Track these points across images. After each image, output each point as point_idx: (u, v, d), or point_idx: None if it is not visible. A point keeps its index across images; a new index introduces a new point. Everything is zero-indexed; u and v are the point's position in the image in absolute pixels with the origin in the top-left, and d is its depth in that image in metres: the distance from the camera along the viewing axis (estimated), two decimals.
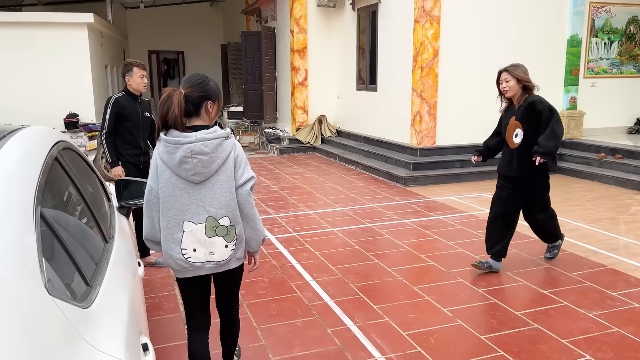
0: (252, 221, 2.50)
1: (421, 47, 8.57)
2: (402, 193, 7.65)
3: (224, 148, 2.36)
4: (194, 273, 2.44)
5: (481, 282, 4.30)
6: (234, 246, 2.44)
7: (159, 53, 20.25)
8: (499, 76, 4.29)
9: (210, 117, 2.47)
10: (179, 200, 2.34)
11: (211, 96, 2.43)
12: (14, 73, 10.91)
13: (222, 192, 2.36)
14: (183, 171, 2.31)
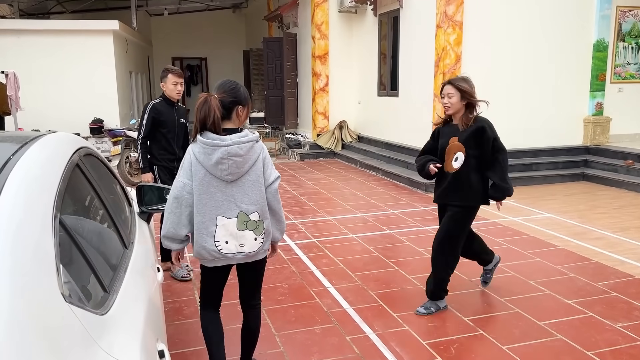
0: (278, 215, 2.75)
1: (443, 53, 8.51)
2: (424, 199, 7.58)
3: (254, 150, 2.60)
4: (225, 262, 2.67)
5: (503, 291, 4.22)
6: (263, 239, 2.67)
7: (182, 59, 20.50)
8: (441, 89, 3.74)
9: (240, 121, 2.69)
10: (213, 197, 2.55)
11: (242, 101, 2.65)
12: (43, 79, 11.18)
13: (252, 190, 2.59)
14: (218, 171, 2.53)
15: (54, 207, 1.33)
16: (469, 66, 8.64)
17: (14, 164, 1.38)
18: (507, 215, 6.57)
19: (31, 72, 10.83)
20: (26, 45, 11.21)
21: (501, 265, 4.80)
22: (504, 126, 8.93)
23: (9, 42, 11.17)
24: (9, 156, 1.44)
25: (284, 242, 5.58)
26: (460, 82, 3.66)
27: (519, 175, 8.59)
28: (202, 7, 18.63)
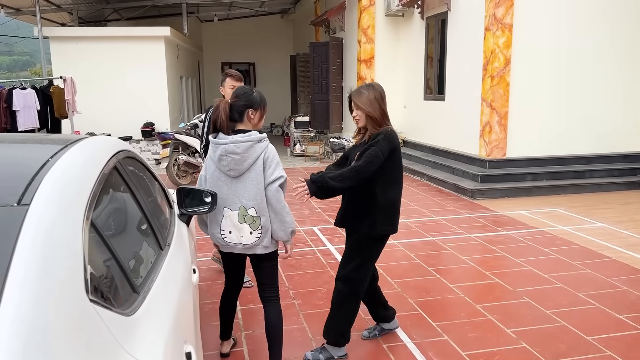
0: (280, 214, 2.87)
1: (492, 56, 8.30)
2: (469, 206, 7.41)
3: (255, 150, 2.80)
4: (229, 250, 2.94)
5: (549, 303, 4.06)
6: (259, 234, 2.85)
7: (231, 64, 20.88)
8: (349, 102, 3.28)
9: (252, 123, 2.91)
10: (220, 190, 2.84)
11: (253, 104, 2.89)
12: (98, 84, 11.63)
13: (251, 186, 2.81)
14: (222, 167, 2.83)
15: (86, 209, 1.37)
16: (519, 69, 8.41)
17: (51, 166, 1.42)
18: (556, 224, 6.33)
19: (88, 77, 11.28)
20: (83, 51, 11.70)
21: (548, 276, 4.63)
22: (555, 131, 8.66)
23: (68, 48, 11.69)
24: (47, 158, 1.49)
25: (324, 247, 5.58)
26: (358, 97, 3.16)
27: (571, 182, 8.28)
28: (251, 13, 18.94)
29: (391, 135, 3.12)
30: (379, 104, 3.16)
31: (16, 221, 1.14)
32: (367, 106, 3.14)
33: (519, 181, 8.26)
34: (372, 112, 3.13)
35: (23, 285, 0.99)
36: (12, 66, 71.53)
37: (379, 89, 3.22)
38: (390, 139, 3.09)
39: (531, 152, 8.67)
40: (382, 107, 3.18)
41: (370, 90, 3.18)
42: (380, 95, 3.18)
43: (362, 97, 3.16)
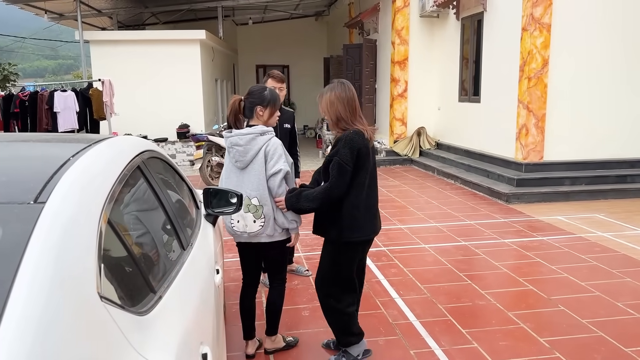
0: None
1: (529, 57, 8.09)
2: (504, 210, 7.23)
3: (257, 142, 3.02)
4: (238, 239, 3.17)
5: (586, 312, 3.90)
6: (262, 223, 3.03)
7: (265, 67, 21.04)
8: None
9: (262, 120, 3.13)
10: (231, 181, 3.09)
11: (262, 102, 3.11)
12: (136, 86, 11.89)
13: (254, 177, 3.01)
14: (231, 158, 3.08)
15: (104, 208, 1.37)
16: (558, 70, 8.17)
17: (71, 165, 1.43)
18: (595, 230, 6.11)
19: (125, 79, 11.54)
20: (122, 54, 11.99)
21: (586, 284, 4.46)
22: (595, 134, 8.37)
23: (107, 51, 12.00)
24: (68, 157, 1.51)
25: None
26: (319, 100, 3.06)
27: (612, 187, 7.98)
28: (285, 16, 19.04)
29: (351, 139, 2.89)
30: (342, 103, 2.95)
31: (31, 219, 1.14)
32: (326, 109, 3.00)
33: (557, 185, 8.02)
34: (332, 115, 2.98)
35: (32, 283, 1.00)
36: (57, 69, 74.18)
37: (339, 88, 2.99)
38: (350, 143, 2.87)
39: (570, 156, 8.40)
40: (346, 106, 2.95)
41: (330, 91, 2.99)
42: (341, 95, 2.97)
43: (322, 100, 3.02)
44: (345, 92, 2.99)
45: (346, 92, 2.99)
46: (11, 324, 0.91)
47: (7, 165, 1.52)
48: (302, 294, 4.37)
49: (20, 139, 2.21)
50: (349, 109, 2.97)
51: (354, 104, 3.00)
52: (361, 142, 2.92)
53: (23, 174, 1.41)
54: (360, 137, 2.92)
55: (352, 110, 2.98)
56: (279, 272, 3.29)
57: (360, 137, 2.92)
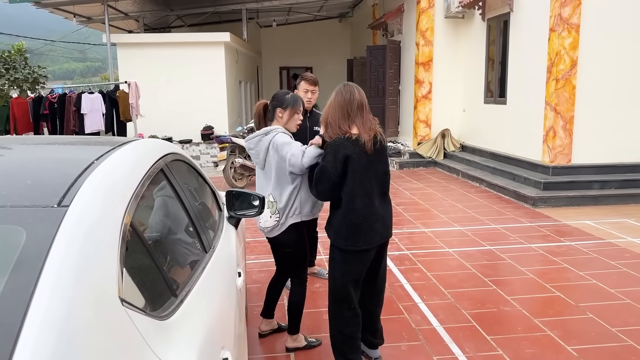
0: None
1: (557, 58, 7.93)
2: (530, 214, 7.09)
3: (263, 142, 3.19)
4: (265, 235, 3.34)
5: (615, 320, 3.79)
6: (277, 219, 3.19)
7: (289, 69, 21.13)
8: None
9: (282, 122, 3.27)
10: (260, 181, 3.33)
11: (281, 104, 3.26)
12: (161, 88, 12.04)
13: (271, 174, 3.20)
14: (253, 160, 3.32)
15: (126, 211, 1.37)
16: (587, 72, 7.99)
17: (94, 169, 1.44)
18: (625, 236, 5.95)
19: (151, 81, 11.69)
20: (148, 57, 12.16)
21: (615, 291, 4.34)
22: (625, 137, 8.16)
23: (134, 54, 12.19)
24: (92, 160, 1.51)
25: None
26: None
27: None
28: (309, 18, 19.09)
29: (334, 146, 2.82)
30: (334, 108, 2.89)
31: (54, 223, 1.15)
32: (326, 115, 2.94)
33: (585, 189, 7.83)
34: (322, 121, 2.96)
35: (54, 287, 1.00)
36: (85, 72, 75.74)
37: (335, 93, 2.93)
38: (334, 150, 2.81)
39: (599, 159, 8.20)
40: (337, 111, 2.88)
41: (339, 93, 2.93)
42: (335, 99, 2.90)
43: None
44: (340, 96, 2.90)
45: (342, 95, 2.90)
46: (34, 327, 0.91)
47: (32, 168, 1.54)
48: (323, 296, 4.34)
49: (46, 141, 2.24)
50: (340, 113, 2.87)
51: (349, 108, 2.86)
52: (350, 148, 2.80)
53: (47, 177, 1.42)
54: (349, 143, 2.81)
55: (344, 115, 2.86)
56: (297, 271, 3.38)
57: (349, 143, 2.81)
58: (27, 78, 9.93)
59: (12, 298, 0.96)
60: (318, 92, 4.41)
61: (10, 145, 1.92)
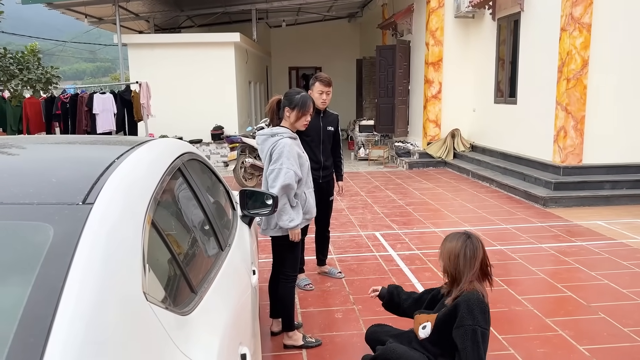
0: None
1: (568, 57, 7.90)
2: (541, 215, 7.07)
3: (267, 143, 3.33)
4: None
5: (627, 320, 3.78)
6: (260, 220, 3.30)
7: (298, 69, 21.16)
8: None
9: (289, 121, 3.39)
10: (264, 178, 3.39)
11: (289, 104, 3.35)
12: (172, 88, 12.11)
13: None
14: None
15: (148, 209, 1.41)
16: (598, 72, 7.96)
17: (116, 167, 1.47)
18: (637, 236, 5.92)
19: (161, 81, 11.77)
20: (158, 57, 12.24)
21: (627, 291, 4.32)
22: (637, 137, 8.10)
23: (145, 54, 12.27)
24: (113, 159, 1.55)
25: (386, 252, 5.50)
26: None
27: None
28: (318, 18, 19.10)
29: None
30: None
31: (80, 220, 1.18)
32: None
33: (596, 189, 7.79)
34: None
35: (83, 283, 1.03)
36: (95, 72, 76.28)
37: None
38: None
39: (610, 159, 8.16)
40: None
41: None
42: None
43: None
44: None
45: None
46: (65, 320, 0.94)
47: (55, 167, 1.57)
48: (335, 295, 4.37)
49: (66, 141, 2.28)
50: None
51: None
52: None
53: (70, 175, 1.46)
54: None
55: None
56: (283, 267, 3.50)
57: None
58: (40, 78, 10.02)
59: (44, 292, 0.99)
60: (331, 92, 4.42)
61: (30, 145, 1.96)
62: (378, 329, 3.20)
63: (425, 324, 2.86)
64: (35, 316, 0.94)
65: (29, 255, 1.11)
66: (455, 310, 2.66)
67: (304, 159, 3.44)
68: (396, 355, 2.79)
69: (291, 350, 3.46)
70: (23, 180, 1.39)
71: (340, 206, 7.62)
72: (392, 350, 2.83)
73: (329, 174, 4.55)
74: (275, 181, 3.23)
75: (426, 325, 2.85)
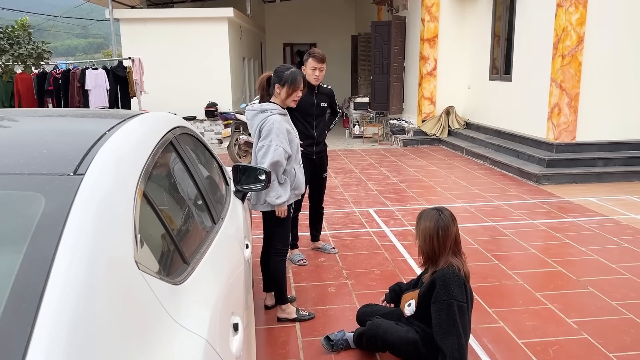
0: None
1: (563, 34, 7.86)
2: (533, 191, 7.12)
3: (256, 119, 3.34)
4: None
5: (616, 294, 3.85)
6: (250, 195, 3.29)
7: (293, 45, 20.95)
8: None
9: (279, 98, 3.37)
10: (253, 152, 3.42)
11: (279, 80, 3.32)
12: (165, 64, 11.98)
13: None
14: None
15: (139, 180, 1.41)
16: (593, 48, 7.94)
17: (107, 139, 1.48)
18: (628, 212, 5.98)
19: (154, 57, 11.64)
20: (151, 33, 12.08)
21: (616, 266, 4.39)
22: (630, 114, 8.13)
23: (137, 29, 12.11)
24: (104, 131, 1.55)
25: (379, 228, 5.54)
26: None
27: None
28: None
29: None
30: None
31: (71, 190, 1.18)
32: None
33: (589, 166, 7.84)
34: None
35: (74, 251, 1.04)
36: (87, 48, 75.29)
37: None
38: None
39: (603, 136, 8.19)
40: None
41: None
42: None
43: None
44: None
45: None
46: (56, 288, 0.96)
47: (45, 138, 1.57)
48: (328, 270, 4.42)
49: (57, 114, 2.27)
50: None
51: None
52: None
53: (61, 147, 1.46)
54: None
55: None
56: (274, 241, 3.53)
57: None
58: (31, 53, 9.90)
59: (36, 260, 1.00)
60: (325, 69, 4.38)
61: (21, 117, 1.95)
62: (368, 309, 3.26)
63: (410, 302, 2.96)
64: (28, 283, 0.96)
65: (20, 224, 1.11)
66: (433, 285, 2.75)
67: (293, 135, 3.44)
68: (382, 330, 2.86)
69: (285, 323, 3.51)
70: (14, 151, 1.39)
71: (334, 183, 7.65)
72: (377, 325, 2.89)
73: (322, 150, 4.55)
74: (264, 158, 3.25)
75: (411, 303, 2.95)
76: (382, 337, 2.87)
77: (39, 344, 0.87)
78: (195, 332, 1.25)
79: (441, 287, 2.72)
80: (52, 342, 0.88)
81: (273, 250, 3.53)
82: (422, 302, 2.85)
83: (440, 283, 2.73)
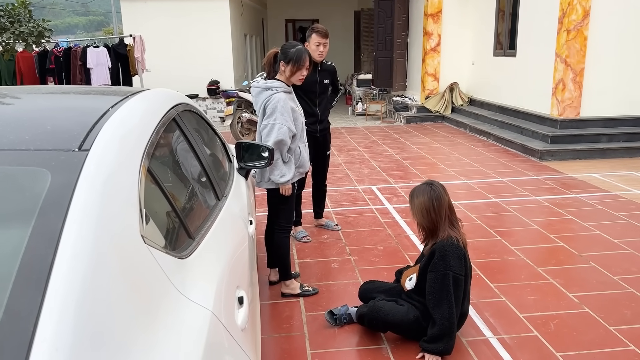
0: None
1: (569, 8, 7.75)
2: (537, 168, 7.11)
3: (261, 96, 3.33)
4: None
5: (617, 269, 3.88)
6: (254, 173, 3.34)
7: (295, 21, 20.72)
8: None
9: (284, 75, 3.35)
10: (258, 130, 3.40)
11: (284, 58, 3.31)
12: (166, 42, 11.89)
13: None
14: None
15: (143, 156, 1.42)
16: (599, 23, 7.83)
17: (111, 115, 1.48)
18: (631, 188, 5.98)
19: (156, 35, 11.55)
20: (152, 10, 11.96)
21: (618, 241, 4.41)
22: (636, 90, 8.05)
23: (138, 7, 11.99)
24: (108, 108, 1.55)
25: (382, 205, 5.56)
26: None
27: None
28: None
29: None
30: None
31: (77, 165, 1.20)
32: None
33: (593, 142, 7.81)
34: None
35: (81, 225, 1.06)
36: (88, 26, 74.63)
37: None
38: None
39: (608, 112, 8.14)
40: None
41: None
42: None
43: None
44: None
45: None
46: (64, 261, 0.98)
47: (50, 115, 1.58)
48: (331, 247, 4.45)
49: (60, 91, 2.28)
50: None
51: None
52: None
53: (66, 123, 1.46)
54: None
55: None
56: (277, 218, 3.54)
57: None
58: (31, 32, 9.84)
59: (44, 234, 1.02)
60: (329, 44, 4.34)
61: (24, 94, 1.95)
62: (369, 285, 3.31)
63: (411, 276, 3.01)
64: (37, 256, 0.97)
65: (27, 199, 1.13)
66: (432, 257, 2.82)
67: (298, 113, 3.44)
68: (383, 313, 2.91)
69: (289, 298, 3.56)
70: (19, 128, 1.40)
71: (337, 161, 7.65)
72: (379, 308, 2.94)
73: (325, 128, 4.54)
74: (269, 136, 3.25)
75: (412, 277, 3.01)
76: (384, 320, 2.93)
77: (50, 314, 0.89)
78: (202, 305, 1.27)
79: (439, 258, 2.79)
80: (61, 312, 0.90)
81: (277, 227, 3.55)
82: (422, 276, 2.90)
83: (438, 254, 2.80)
